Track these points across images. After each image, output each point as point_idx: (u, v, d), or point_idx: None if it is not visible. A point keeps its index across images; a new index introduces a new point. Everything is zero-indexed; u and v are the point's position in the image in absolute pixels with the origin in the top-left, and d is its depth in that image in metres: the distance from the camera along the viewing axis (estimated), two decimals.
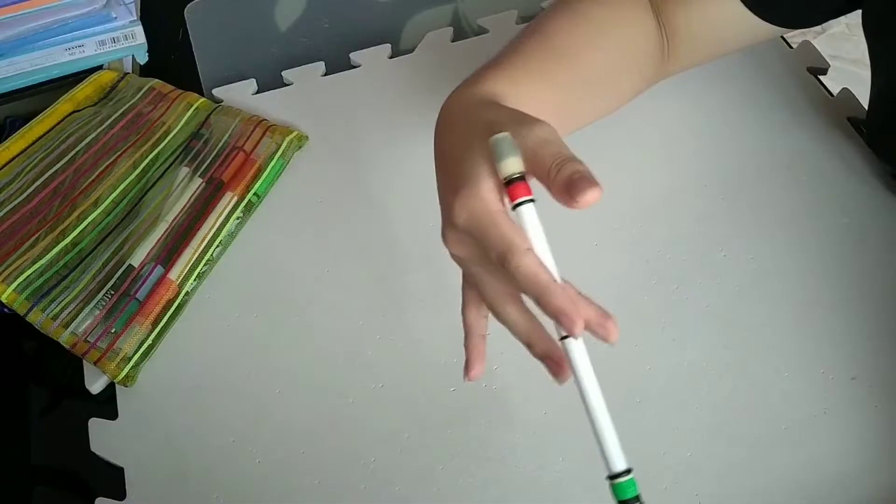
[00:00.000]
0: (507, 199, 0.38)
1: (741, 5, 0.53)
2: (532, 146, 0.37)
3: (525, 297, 0.39)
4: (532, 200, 0.37)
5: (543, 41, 0.51)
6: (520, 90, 0.47)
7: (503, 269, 0.37)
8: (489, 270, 0.41)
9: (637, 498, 0.35)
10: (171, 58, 0.76)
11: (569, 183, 0.35)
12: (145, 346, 0.55)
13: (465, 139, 0.41)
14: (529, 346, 0.42)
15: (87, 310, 0.55)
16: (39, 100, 0.69)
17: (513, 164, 0.37)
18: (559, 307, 0.35)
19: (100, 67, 0.70)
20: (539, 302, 0.36)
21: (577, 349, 0.36)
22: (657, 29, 0.55)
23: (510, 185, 0.37)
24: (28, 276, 0.56)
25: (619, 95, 0.55)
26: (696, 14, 0.54)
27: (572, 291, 0.37)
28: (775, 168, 0.62)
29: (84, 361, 0.56)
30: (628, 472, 0.35)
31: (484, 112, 0.43)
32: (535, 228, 0.37)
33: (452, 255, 0.42)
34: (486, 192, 0.38)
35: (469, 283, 0.44)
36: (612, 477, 0.35)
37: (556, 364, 0.40)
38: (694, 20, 0.54)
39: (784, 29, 0.55)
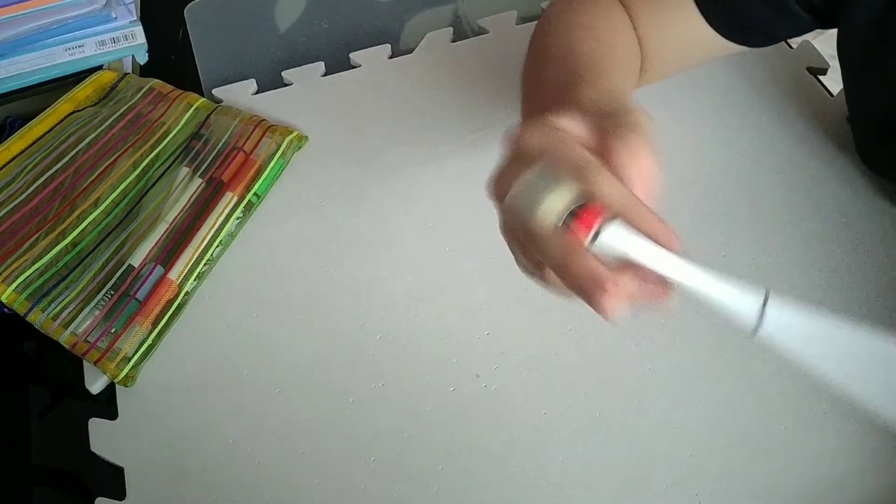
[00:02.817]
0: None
1: (710, 28, 0.53)
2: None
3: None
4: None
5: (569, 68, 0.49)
6: None
7: (580, 178, 0.32)
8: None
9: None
10: (171, 58, 0.76)
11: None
12: (145, 346, 0.55)
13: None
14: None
15: (87, 310, 0.55)
16: (39, 100, 0.69)
17: (559, 198, 0.30)
18: (658, 223, 0.33)
19: (100, 67, 0.70)
20: (631, 217, 0.33)
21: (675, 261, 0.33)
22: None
23: (577, 217, 0.31)
24: (28, 277, 0.56)
25: None
26: (665, 32, 0.54)
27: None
28: (775, 168, 0.62)
29: (84, 361, 0.56)
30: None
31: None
32: (633, 243, 0.32)
33: (514, 153, 0.35)
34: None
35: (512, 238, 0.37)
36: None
37: (658, 290, 0.36)
38: (664, 38, 0.55)
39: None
